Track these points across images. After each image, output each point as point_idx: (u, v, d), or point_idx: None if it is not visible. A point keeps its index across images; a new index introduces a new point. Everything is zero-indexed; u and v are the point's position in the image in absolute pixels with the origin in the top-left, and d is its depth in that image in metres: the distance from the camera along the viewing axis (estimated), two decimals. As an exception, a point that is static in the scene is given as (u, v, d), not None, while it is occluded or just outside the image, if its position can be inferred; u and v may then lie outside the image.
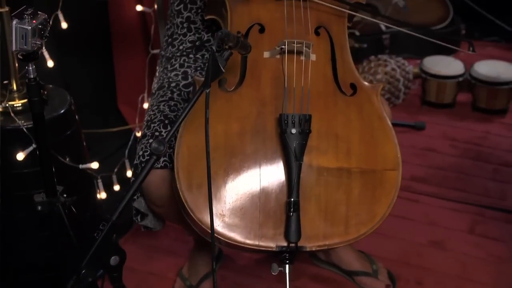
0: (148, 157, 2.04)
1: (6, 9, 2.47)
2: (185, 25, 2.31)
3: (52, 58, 2.65)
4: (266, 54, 1.93)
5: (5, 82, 2.59)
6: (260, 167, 1.80)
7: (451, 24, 4.05)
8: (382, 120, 1.90)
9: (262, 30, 1.98)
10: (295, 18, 1.97)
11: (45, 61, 2.63)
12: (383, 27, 3.98)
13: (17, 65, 2.52)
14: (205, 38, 2.30)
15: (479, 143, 3.37)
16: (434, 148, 3.33)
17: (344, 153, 1.84)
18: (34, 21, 1.76)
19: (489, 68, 3.57)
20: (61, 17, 2.75)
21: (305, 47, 1.90)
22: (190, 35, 2.31)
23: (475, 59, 3.70)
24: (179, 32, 2.32)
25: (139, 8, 3.10)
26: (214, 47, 1.66)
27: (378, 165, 1.85)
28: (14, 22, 1.75)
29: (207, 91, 1.66)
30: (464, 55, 3.91)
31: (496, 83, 3.50)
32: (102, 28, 3.25)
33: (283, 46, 1.90)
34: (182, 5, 2.30)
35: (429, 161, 3.23)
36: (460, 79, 3.58)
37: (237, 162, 1.80)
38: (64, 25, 2.75)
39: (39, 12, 1.81)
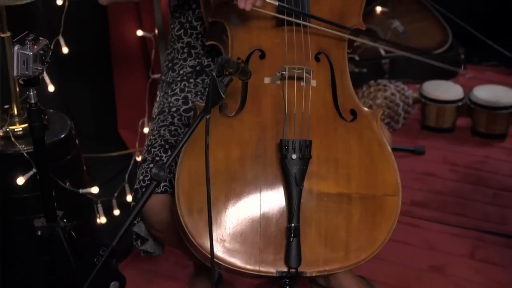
0: (148, 182, 2.04)
1: (8, 34, 2.49)
2: (185, 50, 2.32)
3: (53, 82, 2.66)
4: (267, 80, 1.95)
5: (6, 106, 2.60)
6: (260, 193, 1.80)
7: (450, 48, 4.06)
8: (382, 146, 1.90)
9: (263, 56, 1.99)
10: (296, 44, 1.98)
11: (46, 86, 2.64)
12: (382, 52, 4.00)
13: (18, 89, 2.53)
14: (205, 63, 2.31)
15: (479, 167, 3.37)
16: (434, 173, 3.33)
17: (344, 179, 1.84)
18: (35, 47, 1.78)
19: (488, 92, 3.58)
20: (62, 42, 2.77)
21: (305, 73, 1.91)
22: (190, 60, 2.32)
23: (474, 83, 3.71)
24: (179, 57, 2.34)
25: (139, 33, 3.12)
26: (214, 73, 1.67)
27: (378, 190, 1.85)
28: (16, 47, 1.76)
29: (207, 117, 1.67)
30: (463, 79, 3.94)
31: (496, 107, 3.50)
32: (103, 52, 3.26)
33: (284, 72, 1.91)
34: (182, 30, 2.32)
35: (429, 186, 3.22)
36: (460, 103, 3.59)
37: (238, 187, 1.81)
38: (65, 50, 2.77)
39: (40, 37, 1.83)
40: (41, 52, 1.80)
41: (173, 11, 2.35)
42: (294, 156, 1.78)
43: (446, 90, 3.64)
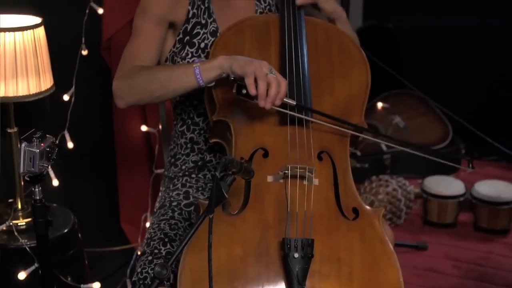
0: (146, 275, 2.04)
1: (15, 129, 2.53)
2: (188, 145, 2.35)
3: (57, 176, 2.69)
4: (270, 179, 1.96)
5: (10, 200, 2.62)
6: (262, 291, 1.80)
7: (451, 144, 4.10)
8: (384, 245, 1.90)
9: (266, 154, 2.01)
10: (298, 143, 2.01)
11: (50, 180, 2.66)
12: (384, 147, 4.03)
13: (22, 183, 2.55)
14: (208, 159, 2.34)
15: (482, 263, 3.35)
16: (436, 269, 3.30)
17: (346, 277, 1.84)
18: (42, 144, 1.81)
19: (489, 188, 3.59)
20: (67, 136, 2.81)
21: (308, 172, 1.93)
22: (193, 155, 2.35)
23: (475, 178, 3.73)
24: (182, 152, 2.36)
25: (144, 128, 3.16)
26: (217, 174, 1.69)
27: (380, 289, 1.85)
28: (23, 145, 1.79)
29: (211, 216, 1.68)
30: (464, 175, 3.95)
31: (497, 203, 3.51)
32: (107, 147, 3.30)
33: (287, 171, 1.93)
34: (185, 126, 2.35)
35: (432, 282, 3.20)
36: (461, 199, 3.60)
37: (240, 286, 1.80)
38: (70, 144, 2.81)
39: (47, 135, 1.85)
40: (48, 149, 1.83)
41: (174, 107, 2.39)
42: (296, 255, 1.78)
43: (447, 185, 3.66)
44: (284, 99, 1.95)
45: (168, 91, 2.08)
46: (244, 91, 1.92)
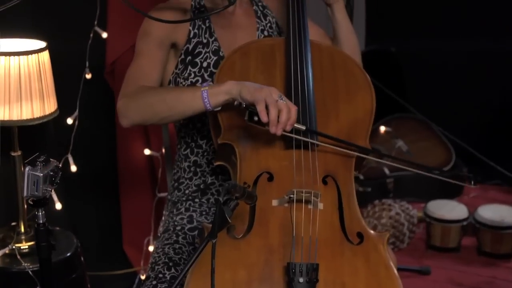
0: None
1: (19, 153, 2.53)
2: (191, 169, 2.35)
3: (60, 199, 2.68)
4: (275, 203, 1.96)
5: (13, 223, 2.62)
6: (266, 317, 1.79)
7: (453, 167, 4.10)
8: (389, 269, 1.90)
9: (271, 178, 2.01)
10: (303, 167, 2.01)
11: (53, 203, 2.66)
12: (387, 171, 4.03)
13: (25, 206, 2.55)
14: (209, 181, 2.34)
15: (486, 288, 3.34)
16: (440, 293, 3.30)
17: (351, 302, 1.83)
18: (46, 168, 1.81)
19: (493, 212, 3.58)
20: (71, 160, 2.81)
21: (313, 196, 1.93)
22: (196, 179, 2.35)
23: (478, 202, 3.72)
24: (185, 176, 2.36)
25: (147, 152, 3.16)
26: (221, 199, 1.69)
27: (385, 314, 1.84)
28: (27, 169, 1.79)
29: (214, 241, 1.68)
30: (467, 199, 3.95)
31: (501, 227, 3.50)
32: (110, 170, 3.30)
33: (292, 196, 1.93)
34: (189, 150, 2.35)
35: (436, 307, 3.19)
36: (465, 223, 3.59)
37: (244, 310, 1.79)
38: (73, 168, 2.80)
39: (51, 159, 1.85)
40: (51, 173, 1.83)
41: (178, 131, 2.39)
42: (301, 280, 1.78)
43: (450, 209, 3.65)
44: (295, 125, 1.95)
45: (174, 113, 2.07)
46: (255, 118, 1.93)
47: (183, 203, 2.34)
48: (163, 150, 2.94)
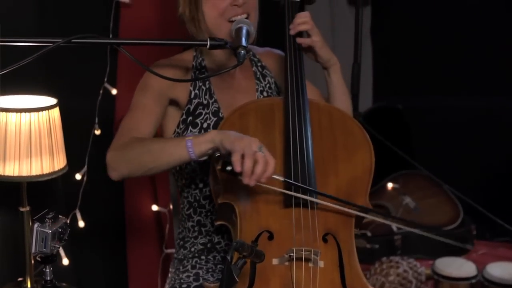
0: None
1: (27, 208, 2.54)
2: (196, 228, 2.36)
3: (67, 255, 2.69)
4: (275, 261, 1.96)
5: (20, 279, 2.62)
6: None
7: (461, 225, 4.08)
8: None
9: (271, 237, 2.02)
10: (303, 225, 2.02)
11: (60, 259, 2.66)
12: (394, 228, 4.02)
13: (32, 262, 2.56)
14: (216, 241, 2.35)
15: None
16: None
17: None
18: (54, 225, 1.83)
19: (502, 270, 3.55)
20: (78, 215, 2.82)
21: (313, 254, 1.93)
22: (201, 238, 2.36)
23: (487, 260, 3.69)
24: (190, 235, 2.37)
25: (154, 208, 3.17)
26: (229, 257, 1.70)
27: None
28: (36, 225, 1.81)
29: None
30: (476, 256, 3.92)
31: (510, 285, 3.47)
32: (118, 226, 3.30)
33: (292, 254, 1.94)
34: (192, 209, 2.37)
35: None
36: (473, 281, 3.55)
37: None
38: (81, 223, 2.82)
39: (59, 216, 1.87)
40: (60, 230, 1.85)
41: (181, 191, 2.41)
42: None
43: (459, 267, 3.62)
44: (273, 176, 1.95)
45: (160, 163, 2.07)
46: (229, 168, 1.94)
47: (190, 260, 2.35)
48: (171, 206, 2.96)
